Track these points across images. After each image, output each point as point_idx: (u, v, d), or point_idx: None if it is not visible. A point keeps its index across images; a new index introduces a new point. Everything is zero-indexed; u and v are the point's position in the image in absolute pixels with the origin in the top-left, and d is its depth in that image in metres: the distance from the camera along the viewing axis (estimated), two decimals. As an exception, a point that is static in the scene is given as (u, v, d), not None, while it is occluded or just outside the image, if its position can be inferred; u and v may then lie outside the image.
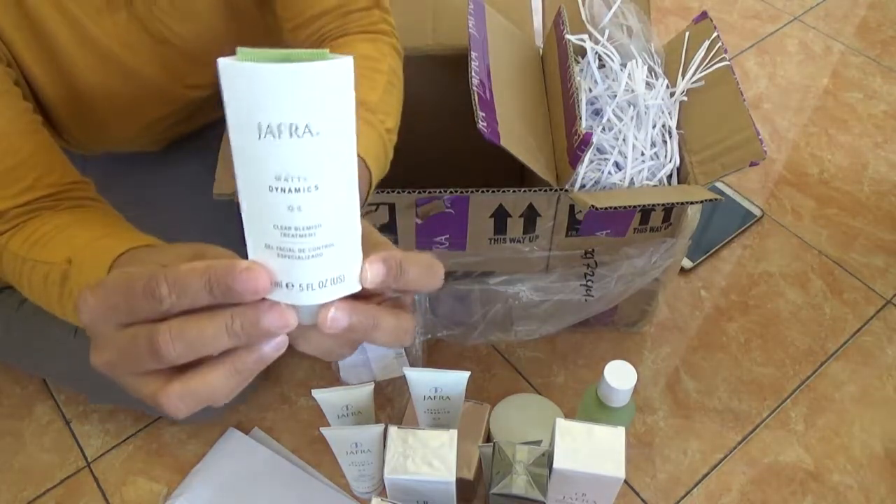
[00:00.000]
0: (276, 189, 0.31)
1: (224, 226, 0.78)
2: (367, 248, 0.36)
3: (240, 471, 0.82)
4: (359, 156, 0.54)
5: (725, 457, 0.84)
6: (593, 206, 0.66)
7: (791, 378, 0.91)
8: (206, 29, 0.68)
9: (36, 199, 0.55)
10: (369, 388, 0.73)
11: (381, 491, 0.78)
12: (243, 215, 0.33)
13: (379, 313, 0.36)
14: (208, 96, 0.76)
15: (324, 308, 0.35)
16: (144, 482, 0.82)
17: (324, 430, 0.70)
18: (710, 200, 0.67)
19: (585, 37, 0.81)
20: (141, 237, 0.52)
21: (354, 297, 0.35)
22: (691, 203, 0.69)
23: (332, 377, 0.86)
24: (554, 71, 0.77)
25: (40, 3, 0.56)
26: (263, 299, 0.33)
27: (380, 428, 0.70)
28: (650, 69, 0.80)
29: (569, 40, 0.74)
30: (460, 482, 0.66)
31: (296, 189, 0.31)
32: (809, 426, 0.87)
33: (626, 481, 0.71)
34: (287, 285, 0.34)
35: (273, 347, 0.35)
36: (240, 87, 0.29)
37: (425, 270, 0.37)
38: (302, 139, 0.30)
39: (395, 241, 0.75)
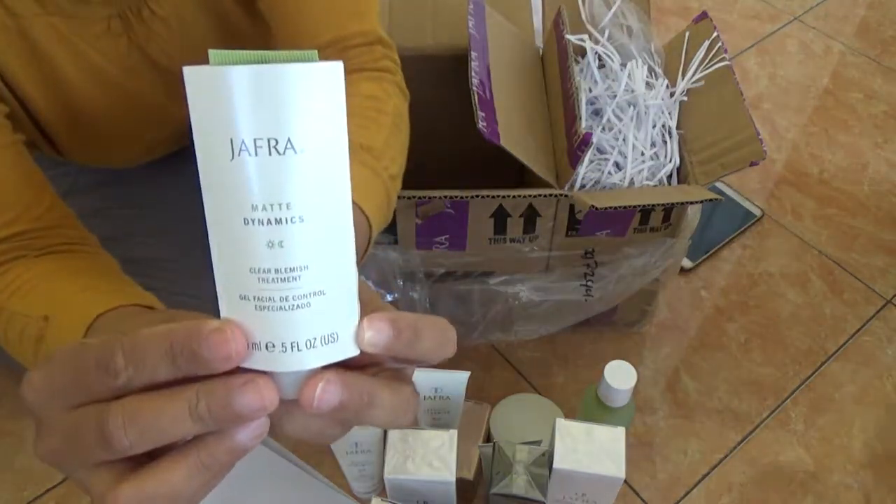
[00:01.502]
0: (253, 221, 0.26)
1: None
2: (366, 311, 0.29)
3: (240, 471, 0.82)
4: (359, 207, 0.50)
5: (725, 457, 0.84)
6: (593, 206, 0.66)
7: (791, 378, 0.91)
8: (205, 56, 0.67)
9: (19, 233, 0.52)
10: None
11: (381, 491, 0.78)
12: (214, 260, 0.27)
13: (375, 388, 0.29)
14: None
15: (310, 381, 0.27)
16: (144, 482, 0.82)
17: (324, 430, 0.70)
18: (710, 200, 0.67)
19: (585, 37, 0.81)
20: (129, 293, 0.47)
21: (343, 367, 0.29)
22: (691, 203, 0.69)
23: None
24: (554, 71, 0.77)
25: (42, 33, 0.56)
26: (238, 371, 0.27)
27: (380, 428, 0.70)
28: (650, 69, 0.80)
29: (569, 40, 0.74)
30: (460, 482, 0.66)
31: (276, 220, 0.26)
32: (809, 426, 0.87)
33: (626, 481, 0.71)
34: (267, 346, 0.27)
35: (249, 435, 0.28)
36: (208, 95, 0.25)
37: (441, 337, 0.30)
38: (283, 157, 0.25)
39: (395, 242, 0.75)
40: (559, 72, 0.75)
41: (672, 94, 0.79)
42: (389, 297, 0.77)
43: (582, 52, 0.82)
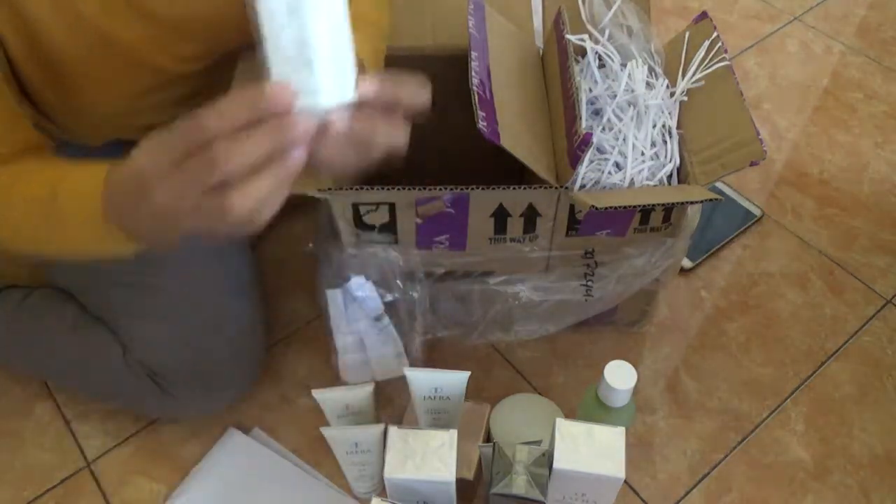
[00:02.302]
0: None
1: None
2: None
3: (240, 471, 0.82)
4: None
5: (725, 457, 0.84)
6: (594, 206, 0.65)
7: (791, 378, 0.91)
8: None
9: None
10: (369, 388, 0.73)
11: (381, 491, 0.78)
12: (263, 48, 0.44)
13: (374, 117, 0.48)
14: (205, 70, 0.71)
15: (330, 114, 0.46)
16: (144, 482, 0.82)
17: (324, 430, 0.70)
18: (710, 200, 0.67)
19: (585, 37, 0.81)
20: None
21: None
22: (691, 203, 0.69)
23: (332, 377, 0.86)
24: (554, 71, 0.77)
25: None
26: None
27: (380, 428, 0.70)
28: (650, 69, 0.80)
29: (569, 40, 0.74)
30: (460, 482, 0.66)
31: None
32: (809, 426, 0.87)
33: (626, 481, 0.71)
34: (301, 94, 0.44)
35: (299, 154, 0.45)
36: None
37: (416, 85, 0.49)
38: None
39: (396, 241, 0.75)
40: (559, 72, 0.75)
41: (672, 94, 0.79)
42: (389, 297, 0.77)
43: (582, 52, 0.82)
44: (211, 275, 0.78)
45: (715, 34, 0.77)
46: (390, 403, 0.87)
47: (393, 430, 0.65)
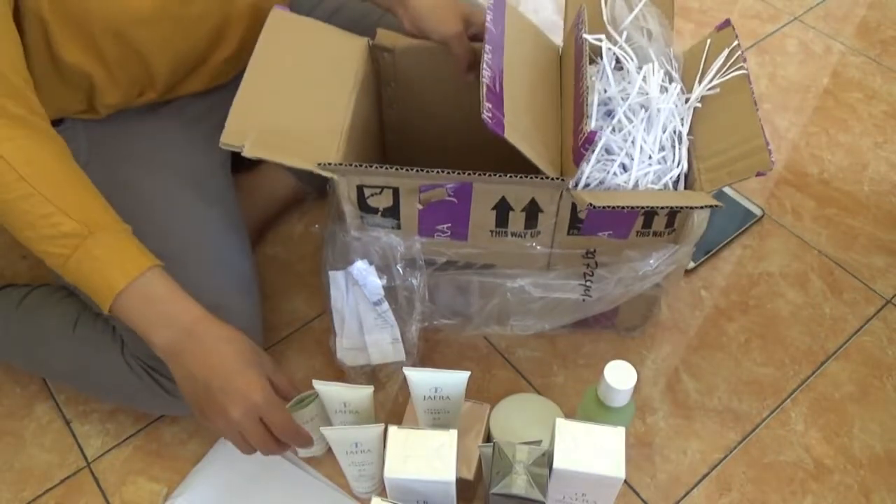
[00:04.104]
0: None
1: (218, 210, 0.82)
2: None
3: (240, 471, 0.82)
4: None
5: (725, 457, 0.84)
6: (591, 203, 0.65)
7: (791, 378, 0.91)
8: None
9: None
10: (369, 389, 0.73)
11: (381, 491, 0.78)
12: None
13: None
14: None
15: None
16: (144, 482, 0.82)
17: (324, 430, 0.70)
18: (709, 207, 0.67)
19: (603, 37, 0.80)
20: (143, 252, 0.68)
21: None
22: (690, 208, 0.69)
23: (332, 377, 0.86)
24: (569, 70, 0.77)
25: None
26: None
27: (380, 428, 0.70)
28: (667, 73, 0.80)
29: (585, 39, 0.73)
30: (460, 482, 0.66)
31: None
32: (809, 426, 0.87)
33: (626, 481, 0.71)
34: None
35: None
36: None
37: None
38: None
39: (398, 227, 0.75)
40: (574, 71, 0.75)
41: (687, 100, 0.78)
42: (389, 283, 0.76)
43: (600, 53, 0.82)
44: (211, 272, 0.79)
45: (735, 42, 0.77)
46: (390, 403, 0.87)
47: (393, 430, 0.65)
